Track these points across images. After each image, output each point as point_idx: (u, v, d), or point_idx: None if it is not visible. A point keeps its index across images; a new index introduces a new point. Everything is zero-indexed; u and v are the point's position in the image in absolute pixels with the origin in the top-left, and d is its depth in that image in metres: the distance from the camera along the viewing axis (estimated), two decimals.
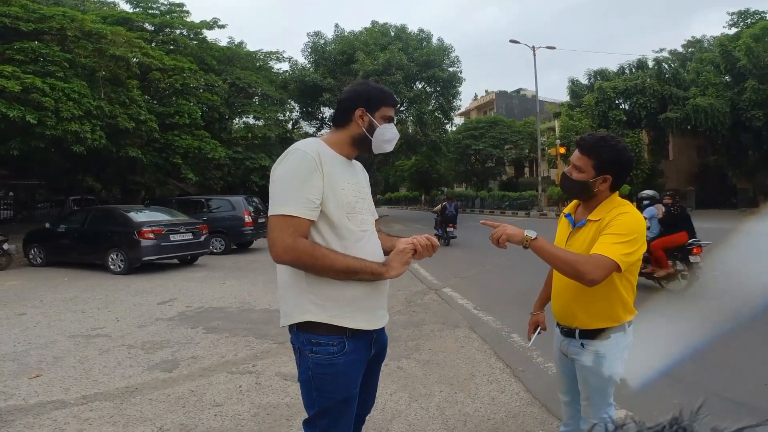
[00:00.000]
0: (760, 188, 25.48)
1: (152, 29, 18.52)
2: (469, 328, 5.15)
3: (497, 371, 3.84)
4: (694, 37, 29.85)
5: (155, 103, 17.34)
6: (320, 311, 1.55)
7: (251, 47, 24.38)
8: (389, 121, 1.71)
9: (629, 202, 1.86)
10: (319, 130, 28.63)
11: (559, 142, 27.14)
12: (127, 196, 20.30)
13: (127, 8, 19.07)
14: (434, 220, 13.99)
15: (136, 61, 14.84)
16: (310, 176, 1.52)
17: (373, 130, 1.67)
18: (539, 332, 2.21)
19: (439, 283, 7.78)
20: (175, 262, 10.56)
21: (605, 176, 1.80)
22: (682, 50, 28.73)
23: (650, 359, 3.18)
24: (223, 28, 20.44)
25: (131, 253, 9.23)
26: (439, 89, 27.76)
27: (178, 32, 19.32)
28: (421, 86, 27.38)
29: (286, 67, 27.58)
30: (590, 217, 1.84)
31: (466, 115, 50.20)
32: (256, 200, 14.17)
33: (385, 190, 58.34)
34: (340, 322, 1.56)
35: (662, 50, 28.60)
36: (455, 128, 38.51)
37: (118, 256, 9.33)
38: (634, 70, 27.32)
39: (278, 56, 24.72)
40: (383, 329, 1.78)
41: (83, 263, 9.95)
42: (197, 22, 19.61)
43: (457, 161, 40.63)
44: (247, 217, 12.82)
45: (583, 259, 1.67)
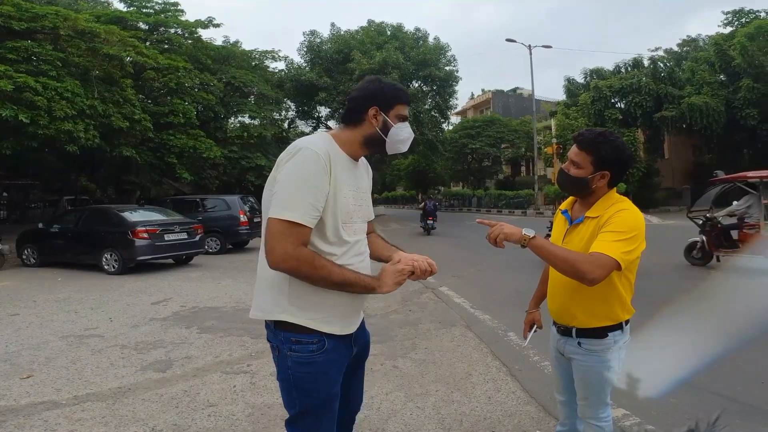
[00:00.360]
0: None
1: (146, 28, 18.41)
2: (465, 326, 5.14)
3: (493, 370, 3.82)
4: (689, 36, 30.05)
5: (149, 102, 17.24)
6: (299, 312, 1.51)
7: (246, 46, 24.40)
8: (404, 119, 1.64)
9: (627, 198, 1.83)
10: (315, 129, 28.57)
11: (555, 140, 27.20)
12: (121, 195, 20.18)
13: (120, 7, 18.99)
14: (419, 215, 18.41)
15: (130, 60, 14.74)
16: (319, 181, 1.46)
17: (387, 130, 1.60)
18: (535, 330, 2.19)
19: (435, 281, 7.75)
20: (169, 262, 10.50)
21: (604, 172, 1.77)
22: (677, 49, 28.88)
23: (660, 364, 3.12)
24: (218, 27, 20.44)
25: (125, 253, 9.17)
26: (435, 88, 27.77)
27: (172, 31, 19.21)
28: (417, 85, 27.40)
29: (281, 66, 27.67)
30: (588, 213, 1.81)
31: (462, 114, 50.20)
32: (251, 200, 14.11)
33: (381, 189, 58.32)
34: (316, 326, 1.52)
35: (658, 49, 28.74)
36: (452, 127, 38.55)
37: (112, 256, 9.26)
38: (629, 69, 27.40)
39: (274, 55, 24.67)
40: (364, 327, 1.75)
41: (77, 263, 9.88)
42: (192, 21, 19.53)
43: (453, 160, 40.66)
44: (242, 216, 12.79)
45: (583, 257, 1.63)
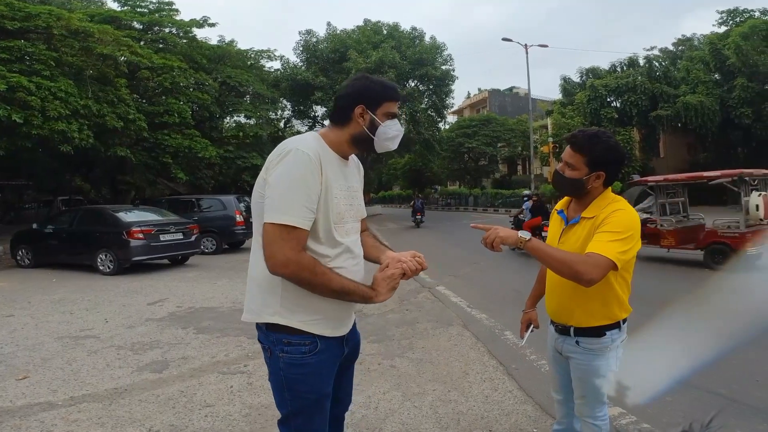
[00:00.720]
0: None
1: (140, 28, 18.30)
2: (462, 326, 5.15)
3: (490, 369, 3.83)
4: (684, 35, 30.22)
5: (144, 102, 17.13)
6: (290, 315, 1.50)
7: (242, 46, 24.32)
8: (392, 117, 1.58)
9: (622, 198, 1.84)
10: (311, 128, 28.52)
11: (551, 139, 27.28)
12: (116, 196, 20.09)
13: (114, 7, 18.84)
14: (410, 212, 21.80)
15: (124, 59, 14.64)
16: (311, 182, 1.43)
17: (375, 128, 1.55)
18: (532, 330, 2.19)
19: (432, 281, 7.76)
20: (165, 262, 10.46)
21: (599, 173, 1.77)
22: (672, 48, 29.03)
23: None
24: (213, 26, 20.33)
25: (120, 253, 9.12)
26: (431, 87, 27.80)
27: (167, 31, 19.10)
28: (413, 84, 27.41)
29: (277, 65, 27.63)
30: (584, 214, 1.81)
31: (459, 113, 50.25)
32: (247, 199, 14.05)
33: (378, 188, 58.32)
34: (308, 327, 1.51)
35: (653, 48, 28.92)
36: (448, 126, 38.60)
37: (107, 256, 9.21)
38: (625, 68, 27.55)
39: (269, 55, 24.61)
40: (355, 329, 1.75)
41: (72, 264, 9.82)
42: (187, 20, 19.41)
43: (450, 159, 40.73)
44: (238, 216, 12.77)
45: (579, 259, 1.63)
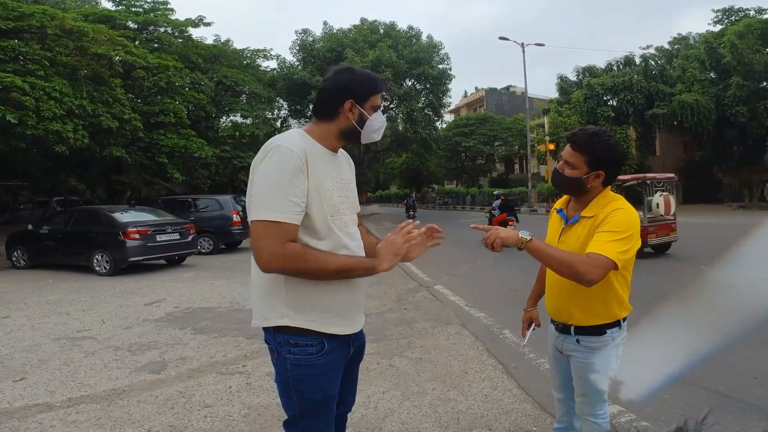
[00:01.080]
0: (744, 183, 25.90)
1: (135, 27, 18.24)
2: (461, 325, 5.14)
3: (490, 368, 3.82)
4: (680, 34, 30.45)
5: (139, 101, 17.07)
6: (298, 315, 1.49)
7: (238, 45, 24.22)
8: (377, 109, 1.60)
9: (622, 196, 1.83)
10: None
11: (548, 138, 27.33)
12: (112, 196, 19.98)
13: (109, 6, 18.78)
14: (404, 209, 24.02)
15: (119, 59, 14.55)
16: (295, 177, 1.41)
17: (363, 122, 1.56)
18: (534, 329, 2.19)
19: (430, 280, 7.76)
20: (162, 262, 10.43)
21: (598, 172, 1.77)
22: (668, 47, 29.18)
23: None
24: (208, 26, 20.30)
25: (117, 254, 9.09)
26: (428, 86, 27.81)
27: (162, 30, 19.03)
28: (410, 83, 27.42)
29: (273, 65, 27.60)
30: (584, 213, 1.81)
31: (456, 112, 50.32)
32: (244, 199, 14.03)
33: (375, 187, 58.31)
34: (317, 327, 1.50)
35: (649, 47, 29.10)
36: (445, 125, 38.65)
37: (103, 257, 9.17)
38: (621, 66, 27.64)
39: (266, 54, 24.55)
40: (361, 329, 1.73)
41: (68, 265, 9.78)
42: (182, 20, 19.35)
43: (447, 158, 40.81)
44: (235, 216, 12.71)
45: (580, 259, 1.63)
